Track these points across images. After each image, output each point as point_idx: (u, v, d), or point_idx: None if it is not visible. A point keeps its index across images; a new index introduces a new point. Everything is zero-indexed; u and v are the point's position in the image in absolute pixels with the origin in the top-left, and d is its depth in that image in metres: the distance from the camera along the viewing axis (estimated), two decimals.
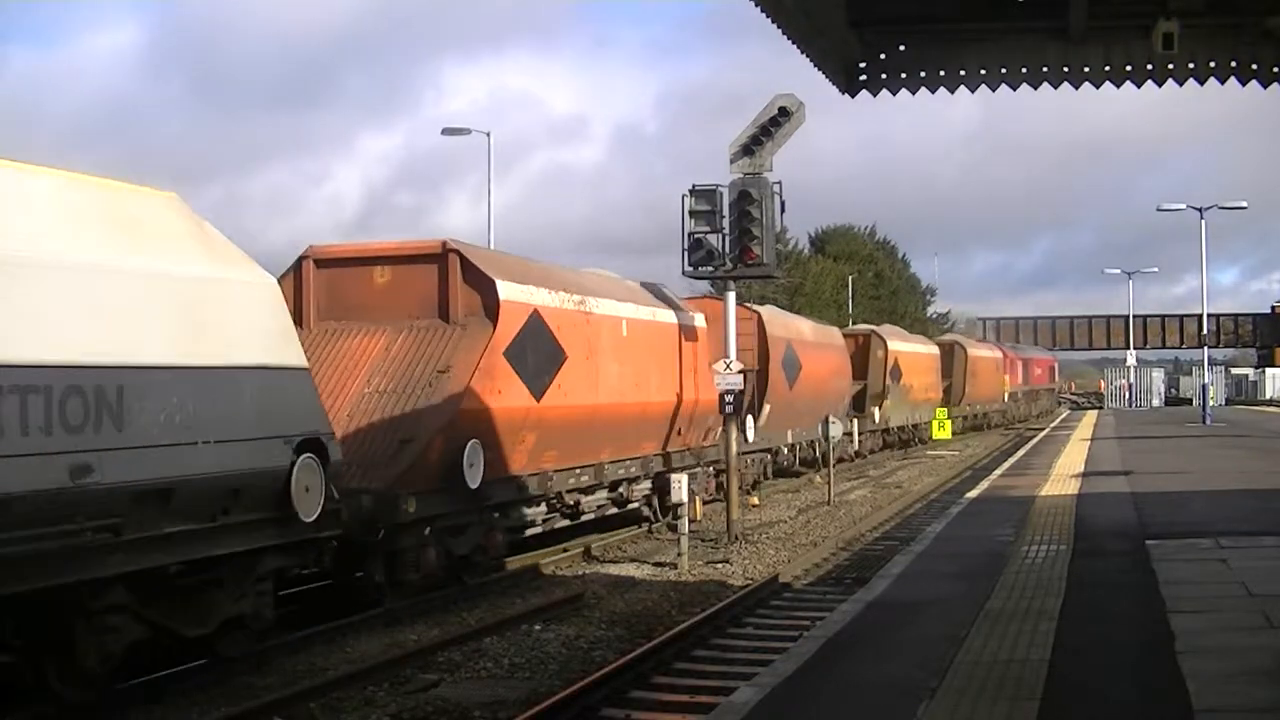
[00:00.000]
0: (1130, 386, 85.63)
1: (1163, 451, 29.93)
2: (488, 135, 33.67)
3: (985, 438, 51.20)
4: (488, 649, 12.15)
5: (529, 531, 16.88)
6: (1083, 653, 8.07)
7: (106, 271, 9.59)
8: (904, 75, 9.83)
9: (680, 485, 17.92)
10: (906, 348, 41.95)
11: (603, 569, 17.35)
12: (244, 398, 10.68)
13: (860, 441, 35.00)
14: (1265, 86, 9.51)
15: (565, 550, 18.20)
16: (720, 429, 21.57)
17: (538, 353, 16.02)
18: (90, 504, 9.07)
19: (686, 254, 20.00)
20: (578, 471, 17.50)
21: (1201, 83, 9.60)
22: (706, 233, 19.85)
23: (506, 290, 15.40)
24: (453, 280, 15.26)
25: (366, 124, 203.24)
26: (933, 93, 9.81)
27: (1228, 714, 6.69)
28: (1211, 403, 55.39)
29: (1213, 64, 9.49)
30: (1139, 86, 9.73)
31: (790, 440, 28.71)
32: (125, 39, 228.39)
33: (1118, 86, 9.79)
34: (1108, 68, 9.68)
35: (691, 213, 19.84)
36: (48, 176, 9.71)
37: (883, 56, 9.83)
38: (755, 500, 24.99)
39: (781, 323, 28.91)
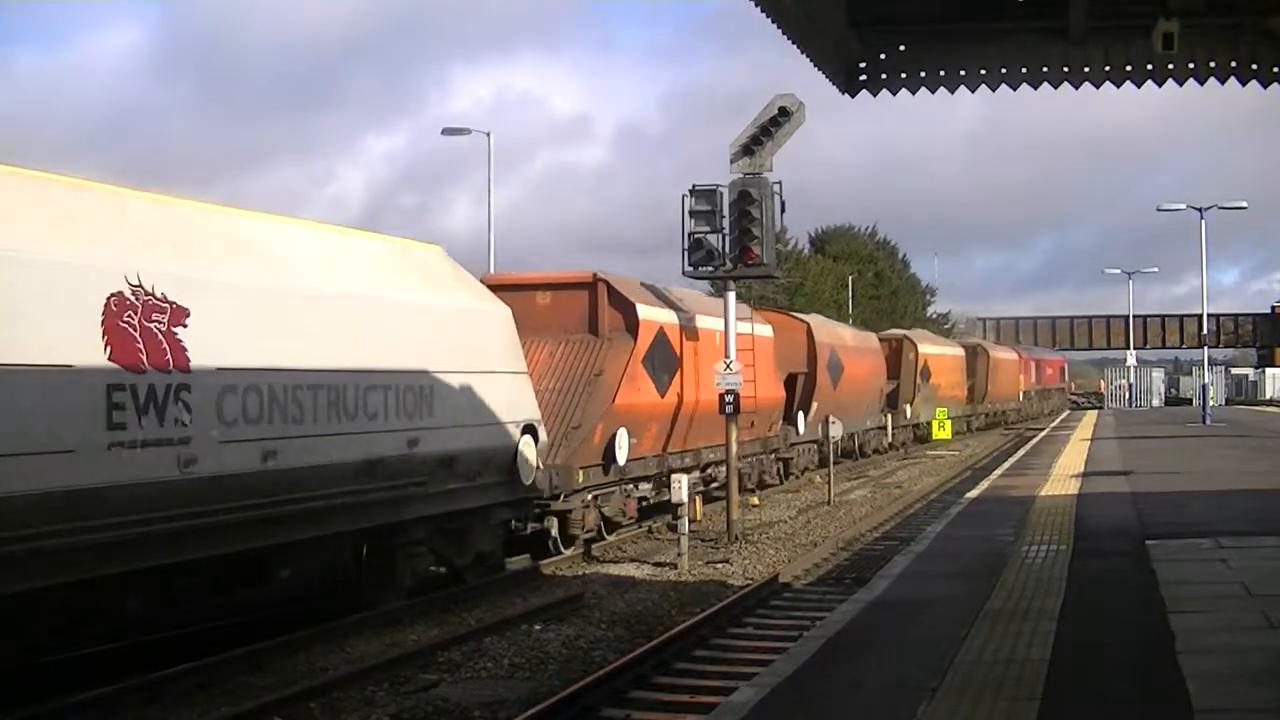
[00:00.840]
0: (1130, 386, 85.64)
1: (1163, 451, 29.93)
2: (488, 135, 33.74)
3: (985, 438, 51.26)
4: (488, 649, 12.16)
5: (644, 503, 20.37)
6: (1083, 653, 8.06)
7: (419, 307, 13.80)
8: (904, 75, 9.84)
9: (680, 485, 17.92)
10: (935, 350, 46.60)
11: (603, 569, 17.35)
12: (495, 394, 14.82)
13: (894, 435, 39.71)
14: (1265, 86, 9.51)
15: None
16: (780, 421, 26.40)
17: (662, 360, 20.31)
18: (415, 466, 13.22)
19: (686, 254, 20.00)
20: (683, 455, 21.58)
21: (1201, 83, 9.60)
22: (707, 233, 19.85)
23: (643, 311, 19.66)
24: (601, 303, 19.45)
25: (371, 125, 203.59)
26: (933, 93, 9.82)
27: (1228, 714, 6.69)
28: (1211, 403, 55.39)
29: (1213, 64, 9.49)
30: (1139, 86, 9.74)
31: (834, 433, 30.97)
32: (127, 41, 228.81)
33: (1118, 86, 9.80)
34: (1108, 68, 9.68)
35: (691, 213, 19.83)
36: (380, 240, 14.44)
37: (883, 56, 9.84)
38: (755, 500, 25.01)
39: (827, 330, 32.89)
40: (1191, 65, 9.51)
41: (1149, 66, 9.57)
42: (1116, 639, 8.58)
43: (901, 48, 9.83)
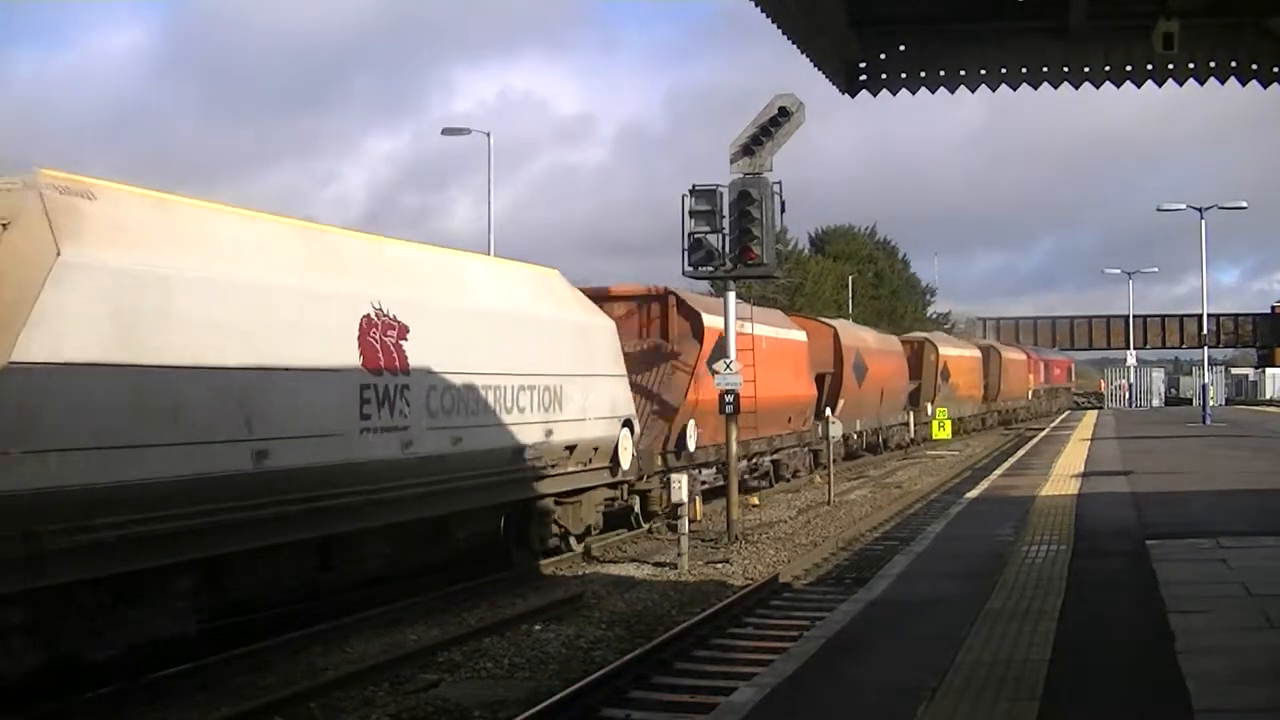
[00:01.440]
0: (1130, 386, 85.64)
1: (1163, 451, 29.93)
2: (488, 135, 33.72)
3: (986, 437, 51.27)
4: (488, 649, 12.16)
5: (705, 486, 23.24)
6: (1083, 653, 8.07)
7: (551, 322, 17.03)
8: (904, 75, 9.83)
9: (680, 485, 17.92)
10: (954, 352, 49.60)
11: (603, 569, 17.35)
12: (603, 394, 17.99)
13: (916, 430, 42.22)
14: (1265, 86, 9.50)
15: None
16: (812, 417, 29.63)
17: None
18: (549, 452, 16.40)
19: (686, 254, 19.99)
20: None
21: (1201, 83, 9.60)
22: (707, 233, 19.84)
23: (708, 320, 22.60)
24: (671, 313, 22.78)
25: (374, 125, 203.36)
26: (933, 93, 9.81)
27: (1228, 714, 6.69)
28: (1211, 403, 55.38)
29: (1213, 64, 9.48)
30: (1139, 86, 9.72)
31: (858, 428, 35.96)
32: (128, 41, 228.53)
33: (1118, 86, 9.79)
34: (1108, 68, 9.67)
35: (691, 213, 19.83)
36: (523, 267, 17.65)
37: (883, 56, 9.83)
38: (755, 500, 25.01)
39: (851, 334, 35.84)
40: (1191, 65, 9.50)
41: (1149, 66, 9.56)
42: (1116, 639, 8.58)
43: (901, 48, 9.81)
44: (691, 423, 21.53)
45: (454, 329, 14.46)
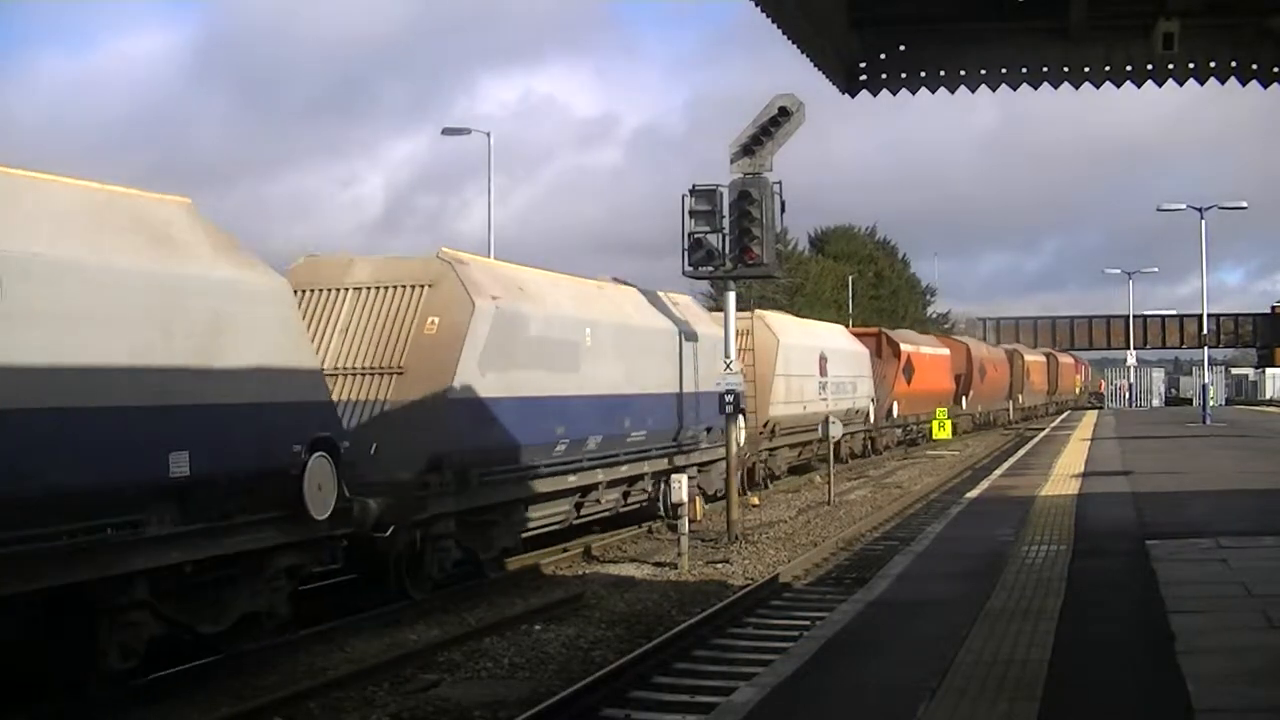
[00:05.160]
0: (1130, 386, 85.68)
1: (1163, 451, 29.92)
2: (488, 135, 33.94)
3: (985, 437, 51.30)
4: (488, 649, 12.16)
5: (907, 434, 41.40)
6: (1083, 653, 8.07)
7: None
8: (904, 75, 9.82)
9: (680, 485, 17.92)
10: (1032, 358, 69.00)
11: (603, 569, 17.35)
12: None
13: (1012, 414, 61.26)
14: (1265, 86, 9.50)
15: (565, 550, 18.22)
16: (951, 402, 46.61)
17: (908, 370, 40.27)
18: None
19: (686, 254, 19.97)
20: (916, 416, 43.18)
21: (1202, 83, 9.59)
22: (707, 233, 19.81)
23: (904, 346, 37.74)
24: (883, 343, 39.06)
25: (397, 129, 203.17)
26: (933, 92, 9.81)
27: (1228, 714, 6.69)
28: (1211, 403, 55.42)
29: (1213, 64, 9.48)
30: (1139, 86, 9.72)
31: (980, 409, 54.72)
32: (149, 46, 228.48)
33: (1118, 86, 9.78)
34: (1108, 67, 9.67)
35: (692, 213, 19.80)
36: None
37: (883, 56, 9.82)
38: (755, 500, 25.01)
39: (976, 349, 54.50)
40: (1191, 65, 9.49)
41: (1149, 66, 9.55)
42: (1116, 639, 8.58)
43: (902, 48, 9.81)
44: (895, 403, 39.67)
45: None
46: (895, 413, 39.65)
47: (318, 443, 11.39)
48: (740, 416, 21.34)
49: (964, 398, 50.99)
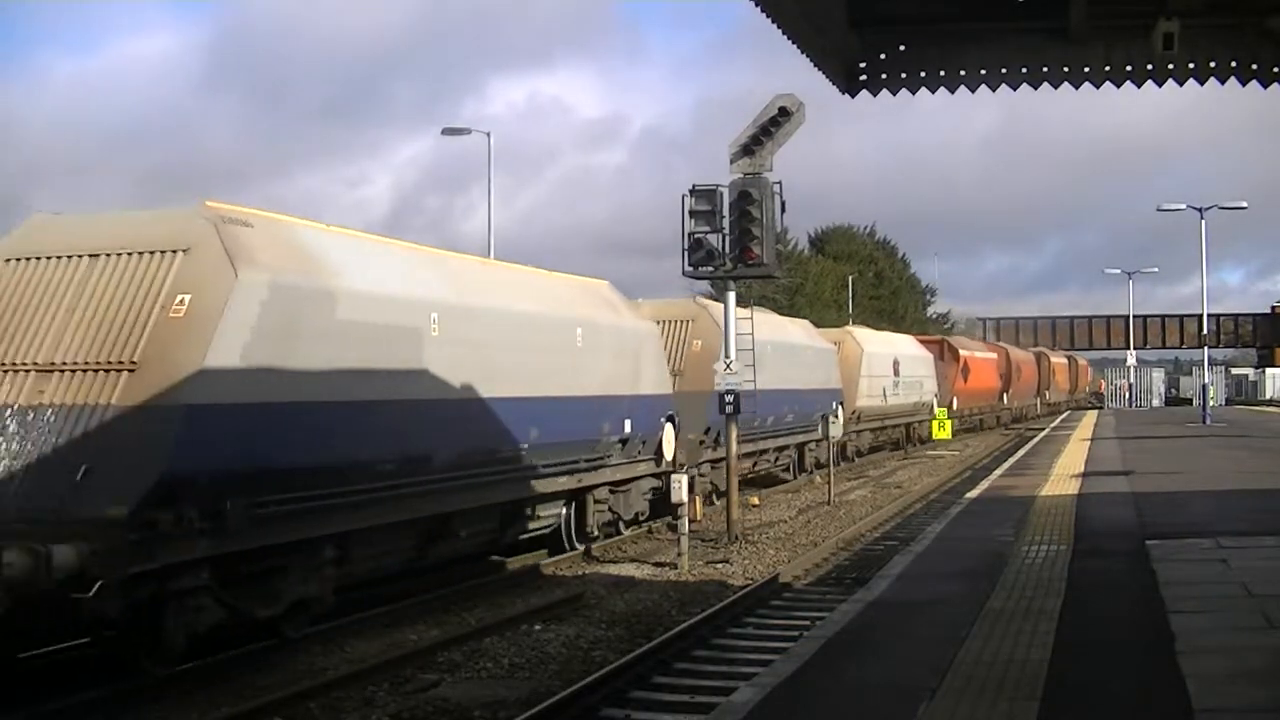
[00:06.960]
0: (1130, 386, 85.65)
1: (1163, 451, 29.92)
2: (488, 135, 33.90)
3: (985, 437, 51.33)
4: (488, 649, 12.16)
5: (979, 420, 54.48)
6: (1083, 653, 8.07)
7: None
8: (904, 75, 9.82)
9: (680, 485, 17.91)
10: (1056, 360, 78.54)
11: (603, 569, 17.35)
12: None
13: (1040, 408, 71.53)
14: (1265, 86, 9.50)
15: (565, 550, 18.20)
16: (997, 398, 57.88)
17: (965, 371, 52.25)
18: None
19: (686, 254, 19.96)
20: (970, 409, 54.54)
21: (1202, 83, 9.60)
22: (707, 233, 19.80)
23: (962, 352, 51.96)
24: (945, 348, 50.69)
25: (404, 130, 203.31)
26: (933, 92, 9.81)
27: (1228, 714, 6.69)
28: (1211, 403, 55.42)
29: (1213, 64, 9.48)
30: (1139, 86, 9.73)
31: (1017, 404, 64.90)
32: (160, 48, 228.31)
33: (1118, 86, 9.79)
34: (1108, 68, 9.67)
35: (692, 213, 19.79)
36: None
37: (883, 56, 9.82)
38: (755, 500, 25.02)
39: (1015, 353, 65.16)
40: (1191, 65, 9.50)
41: (1149, 66, 9.56)
42: (1116, 639, 8.58)
43: (901, 48, 9.81)
44: (954, 398, 48.19)
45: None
46: (955, 406, 47.95)
47: None
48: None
49: (1005, 394, 61.17)
